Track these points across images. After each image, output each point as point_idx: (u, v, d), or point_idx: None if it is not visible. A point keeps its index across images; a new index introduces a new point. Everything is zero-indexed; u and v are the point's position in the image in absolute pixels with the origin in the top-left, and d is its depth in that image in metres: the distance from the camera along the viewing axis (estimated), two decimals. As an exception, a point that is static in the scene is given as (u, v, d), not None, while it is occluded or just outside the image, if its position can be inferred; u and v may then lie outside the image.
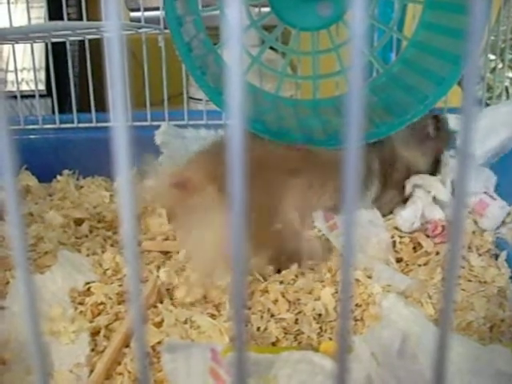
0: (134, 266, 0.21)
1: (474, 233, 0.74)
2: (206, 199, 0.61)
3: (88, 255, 0.70)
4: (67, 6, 0.94)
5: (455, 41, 0.68)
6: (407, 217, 0.72)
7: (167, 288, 0.63)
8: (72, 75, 0.94)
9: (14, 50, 0.93)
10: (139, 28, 0.88)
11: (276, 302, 0.60)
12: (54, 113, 0.95)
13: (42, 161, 0.90)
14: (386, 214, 0.75)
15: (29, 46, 0.95)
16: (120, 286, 0.62)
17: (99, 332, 0.56)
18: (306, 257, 0.66)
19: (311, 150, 0.71)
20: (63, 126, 0.95)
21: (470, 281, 0.65)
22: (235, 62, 0.18)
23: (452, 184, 0.75)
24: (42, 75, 1.27)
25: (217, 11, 0.75)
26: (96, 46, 0.90)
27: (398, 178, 0.77)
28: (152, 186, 0.74)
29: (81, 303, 0.60)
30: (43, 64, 1.27)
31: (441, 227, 0.71)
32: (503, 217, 0.75)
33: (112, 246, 0.73)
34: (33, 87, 1.06)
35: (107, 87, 0.21)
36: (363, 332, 0.56)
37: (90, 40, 0.91)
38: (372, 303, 0.60)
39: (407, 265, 0.68)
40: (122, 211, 0.20)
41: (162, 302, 0.60)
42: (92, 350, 0.54)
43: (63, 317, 0.56)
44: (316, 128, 0.74)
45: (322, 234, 0.70)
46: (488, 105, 0.93)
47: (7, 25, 0.92)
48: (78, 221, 0.78)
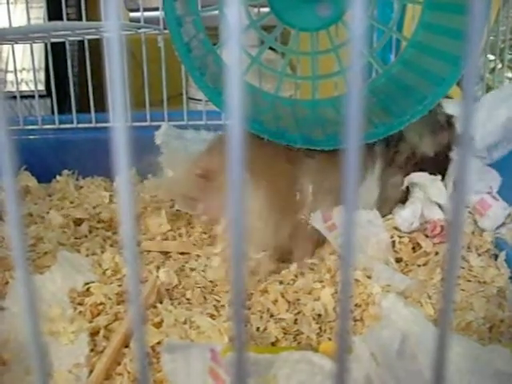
0: (134, 266, 0.21)
1: (473, 233, 0.74)
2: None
3: (87, 255, 0.70)
4: (66, 6, 0.94)
5: (455, 41, 0.68)
6: (406, 217, 0.72)
7: (167, 288, 0.63)
8: (71, 75, 0.94)
9: (13, 51, 0.93)
10: (139, 28, 0.88)
11: (275, 302, 0.61)
12: (53, 113, 0.95)
13: (41, 161, 0.90)
14: (393, 201, 0.74)
15: (28, 46, 0.95)
16: (119, 286, 0.62)
17: (98, 332, 0.56)
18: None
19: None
20: (63, 126, 0.95)
21: (469, 281, 0.65)
22: (235, 63, 0.18)
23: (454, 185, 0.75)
24: (42, 75, 1.27)
25: (216, 11, 0.75)
26: (95, 46, 0.90)
27: (401, 159, 0.76)
28: (174, 176, 0.77)
29: (80, 303, 0.60)
30: (43, 64, 1.27)
31: (440, 227, 0.71)
32: (504, 218, 0.75)
33: (111, 246, 0.73)
34: (32, 87, 1.06)
35: (107, 87, 0.21)
36: (363, 332, 0.56)
37: (89, 40, 0.91)
38: (371, 303, 0.60)
39: (407, 265, 0.68)
40: (122, 211, 0.20)
41: (161, 303, 0.60)
42: (91, 350, 0.54)
43: (62, 317, 0.56)
44: (315, 128, 0.74)
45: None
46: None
47: (7, 25, 0.92)
48: (78, 221, 0.78)
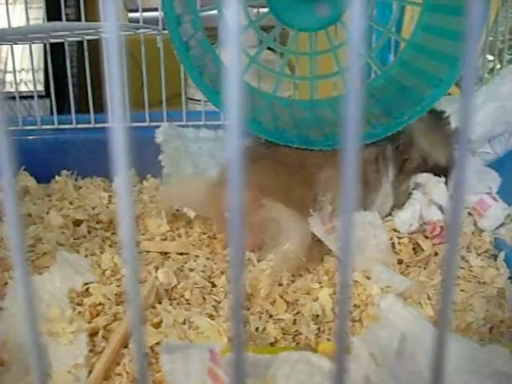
0: (133, 266, 0.21)
1: (473, 233, 0.74)
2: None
3: (86, 256, 0.69)
4: (66, 6, 0.94)
5: (453, 43, 0.68)
6: (405, 219, 0.72)
7: (166, 288, 0.63)
8: (70, 76, 0.94)
9: (12, 51, 0.93)
10: (138, 29, 0.88)
11: (274, 302, 0.61)
12: (52, 113, 0.95)
13: (40, 161, 0.90)
14: (403, 204, 0.75)
15: (27, 46, 0.95)
16: (118, 286, 0.62)
17: (98, 333, 0.56)
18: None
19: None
20: (62, 126, 0.94)
21: (469, 281, 0.65)
22: (233, 62, 0.18)
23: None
24: (41, 76, 1.27)
25: (215, 11, 0.75)
26: (94, 46, 0.90)
27: (411, 167, 0.76)
28: (181, 188, 0.79)
29: (79, 304, 0.59)
30: (42, 65, 1.27)
31: (439, 228, 0.71)
32: (503, 219, 0.75)
33: (110, 246, 0.73)
34: (31, 88, 1.06)
35: (105, 88, 0.21)
36: (362, 333, 0.56)
37: (88, 41, 0.91)
38: (370, 304, 0.60)
39: (408, 266, 0.68)
40: (120, 212, 0.20)
41: (160, 303, 0.60)
42: (90, 350, 0.54)
43: (62, 317, 0.56)
44: (312, 128, 0.74)
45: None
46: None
47: (6, 25, 0.92)
48: (77, 221, 0.78)
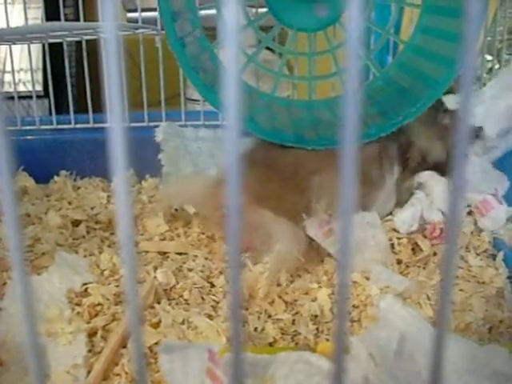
0: (131, 266, 0.21)
1: (472, 233, 0.74)
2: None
3: (85, 256, 0.69)
4: (64, 6, 0.94)
5: (451, 44, 0.68)
6: (405, 219, 0.71)
7: (164, 289, 0.63)
8: (69, 76, 0.94)
9: (11, 51, 0.93)
10: (136, 29, 0.88)
11: (273, 302, 0.61)
12: (51, 114, 0.95)
13: (39, 162, 0.90)
14: (406, 201, 0.75)
15: (26, 46, 0.94)
16: (117, 286, 0.62)
17: (96, 333, 0.56)
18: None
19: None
20: (60, 126, 0.94)
21: (468, 281, 0.65)
22: (231, 62, 0.18)
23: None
24: (39, 76, 1.26)
25: (213, 11, 0.75)
26: (93, 46, 0.90)
27: (413, 165, 0.77)
28: (181, 187, 0.80)
29: (78, 304, 0.59)
30: (40, 65, 1.27)
31: (439, 230, 0.71)
32: (505, 220, 0.74)
33: (109, 246, 0.73)
34: (30, 88, 1.06)
35: (104, 88, 0.21)
36: (361, 333, 0.56)
37: (87, 41, 0.91)
38: (370, 304, 0.60)
39: (407, 266, 0.68)
40: (119, 212, 0.20)
41: (159, 303, 0.60)
42: (89, 350, 0.54)
43: (60, 318, 0.56)
44: (307, 128, 0.74)
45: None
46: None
47: (4, 25, 0.92)
48: (76, 222, 0.78)
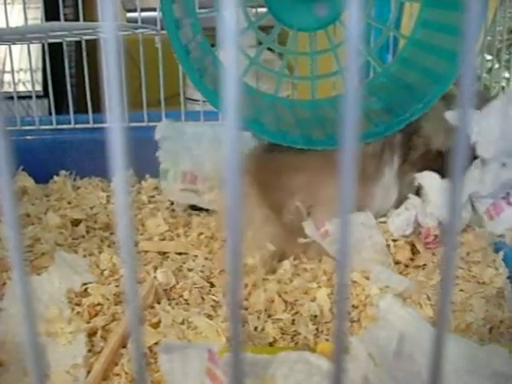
0: (131, 266, 0.21)
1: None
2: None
3: (85, 256, 0.69)
4: (64, 6, 0.94)
5: (453, 38, 0.68)
6: (400, 224, 0.70)
7: (164, 288, 0.63)
8: (69, 76, 0.94)
9: (10, 51, 0.93)
10: (136, 29, 0.88)
11: (272, 302, 0.60)
12: (50, 114, 0.95)
13: (38, 162, 0.90)
14: (406, 196, 0.73)
15: (25, 46, 0.94)
16: (117, 286, 0.62)
17: (96, 333, 0.56)
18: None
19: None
20: (60, 126, 0.94)
21: (468, 281, 0.65)
22: (231, 63, 0.18)
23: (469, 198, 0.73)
24: (39, 76, 1.26)
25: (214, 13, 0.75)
26: (93, 46, 0.90)
27: (415, 156, 0.74)
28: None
29: (78, 304, 0.59)
30: (40, 65, 1.26)
31: (433, 236, 0.69)
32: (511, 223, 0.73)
33: (109, 246, 0.73)
34: (29, 88, 1.05)
35: (104, 88, 0.21)
36: (360, 333, 0.56)
37: (86, 41, 0.91)
38: (369, 304, 0.60)
39: (406, 266, 0.68)
40: (118, 212, 0.20)
41: (159, 303, 0.60)
42: (89, 350, 0.53)
43: (60, 318, 0.56)
44: (315, 128, 0.74)
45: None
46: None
47: (4, 25, 0.92)
48: (75, 222, 0.78)
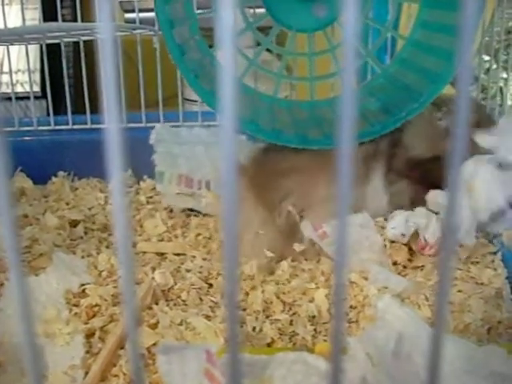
0: (128, 267, 0.21)
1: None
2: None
3: (83, 257, 0.69)
4: (62, 7, 0.94)
5: (451, 38, 0.68)
6: (396, 232, 0.67)
7: (162, 289, 0.63)
8: (67, 77, 0.94)
9: (8, 52, 0.93)
10: (134, 29, 0.88)
11: (271, 302, 0.60)
12: (48, 114, 0.95)
13: (36, 162, 0.90)
14: (394, 208, 0.70)
15: (23, 47, 0.94)
16: (115, 287, 0.62)
17: (94, 334, 0.56)
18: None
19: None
20: (58, 127, 0.94)
21: (467, 282, 0.65)
22: (228, 64, 0.18)
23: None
24: (37, 77, 1.26)
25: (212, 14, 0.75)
26: (91, 47, 0.90)
27: (398, 165, 0.72)
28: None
29: (76, 305, 0.59)
30: (38, 66, 1.26)
31: (429, 248, 0.67)
32: None
33: (107, 247, 0.73)
34: (27, 89, 1.05)
35: (101, 89, 0.21)
36: (358, 333, 0.56)
37: (84, 41, 0.91)
38: (367, 305, 0.60)
39: (404, 267, 0.68)
40: (115, 213, 0.20)
41: (157, 304, 0.60)
42: (87, 351, 0.53)
43: (58, 319, 0.56)
44: (311, 128, 0.74)
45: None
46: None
47: (2, 26, 0.92)
48: (73, 222, 0.78)
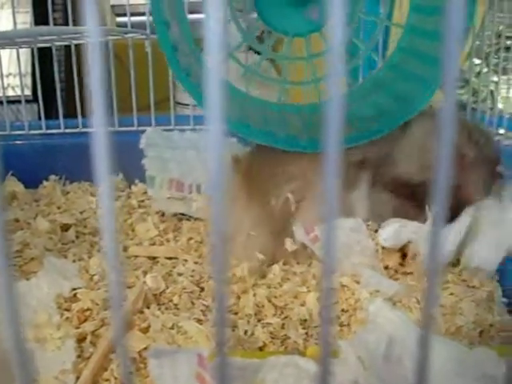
0: (118, 271, 0.21)
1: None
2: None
3: (74, 261, 0.69)
4: (53, 11, 0.93)
5: (440, 43, 0.68)
6: (387, 244, 0.66)
7: (154, 293, 0.63)
8: (58, 80, 0.94)
9: (-1, 56, 0.92)
10: (125, 33, 0.88)
11: (262, 306, 0.60)
12: (40, 118, 0.95)
13: (28, 166, 0.90)
14: (374, 217, 0.68)
15: (14, 51, 0.94)
16: (106, 291, 0.62)
17: (85, 338, 0.55)
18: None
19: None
20: (49, 131, 0.94)
21: (458, 285, 0.65)
22: (215, 67, 0.18)
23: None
24: (28, 80, 1.26)
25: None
26: (82, 51, 0.90)
27: (384, 178, 0.70)
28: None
29: (67, 309, 0.59)
30: (29, 69, 1.26)
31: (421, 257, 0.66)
32: None
33: (98, 251, 0.72)
34: (19, 92, 1.05)
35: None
36: (350, 337, 0.56)
37: (75, 45, 0.91)
38: (359, 308, 0.60)
39: (396, 271, 0.68)
40: (103, 217, 0.20)
41: (148, 308, 0.60)
42: (78, 356, 0.53)
43: (49, 323, 0.56)
44: (300, 132, 0.74)
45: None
46: (474, 109, 0.93)
47: (-7, 30, 0.92)
48: (65, 226, 0.78)
